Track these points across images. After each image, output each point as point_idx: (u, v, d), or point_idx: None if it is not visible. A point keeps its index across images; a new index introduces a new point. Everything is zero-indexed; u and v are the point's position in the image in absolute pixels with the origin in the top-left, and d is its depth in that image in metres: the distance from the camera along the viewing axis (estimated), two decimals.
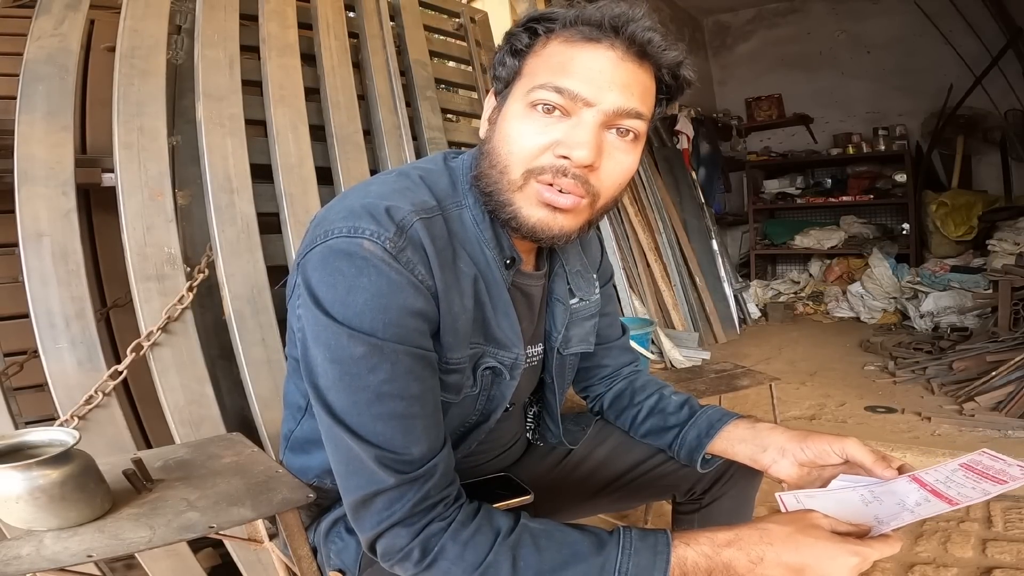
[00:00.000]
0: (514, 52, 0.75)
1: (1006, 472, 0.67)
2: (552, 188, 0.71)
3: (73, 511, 0.76)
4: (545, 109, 0.70)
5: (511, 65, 0.75)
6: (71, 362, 1.26)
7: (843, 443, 0.80)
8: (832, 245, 4.87)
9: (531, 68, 0.73)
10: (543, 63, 0.72)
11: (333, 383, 0.66)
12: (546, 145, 0.70)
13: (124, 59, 1.46)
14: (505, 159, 0.72)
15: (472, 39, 2.68)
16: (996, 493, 0.64)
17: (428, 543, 0.65)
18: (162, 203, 1.37)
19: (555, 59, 0.71)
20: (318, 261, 0.68)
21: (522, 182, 0.71)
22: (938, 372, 2.88)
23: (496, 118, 0.76)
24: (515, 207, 0.73)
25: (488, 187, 0.74)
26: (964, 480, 0.69)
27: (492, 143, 0.74)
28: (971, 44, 4.31)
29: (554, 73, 0.70)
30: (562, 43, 0.71)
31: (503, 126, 0.73)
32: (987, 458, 0.72)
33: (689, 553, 0.65)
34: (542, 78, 0.70)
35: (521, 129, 0.71)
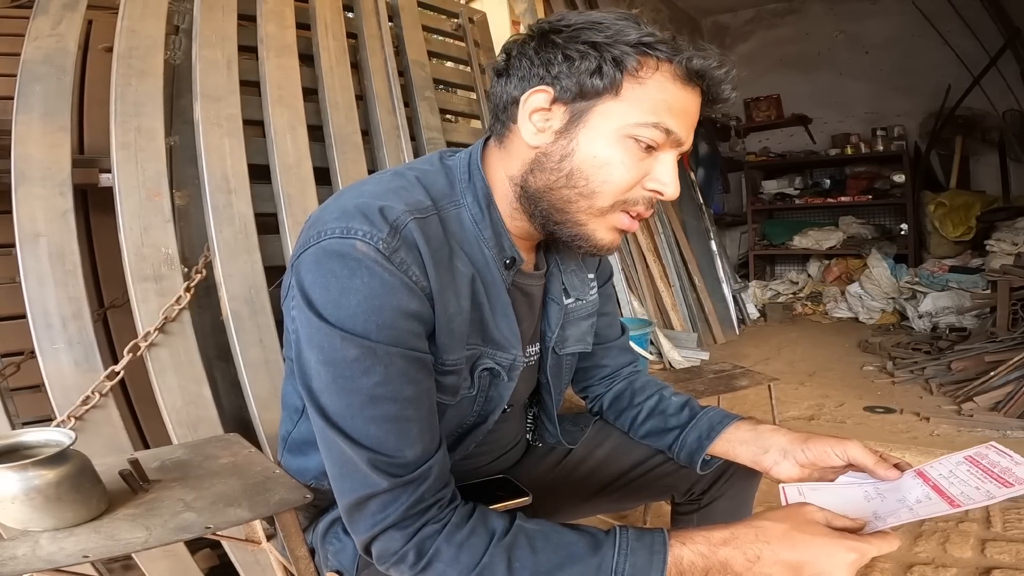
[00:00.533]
0: (620, 69, 0.69)
1: (1011, 472, 0.66)
2: (632, 218, 0.75)
3: (69, 512, 0.76)
4: (647, 147, 0.71)
5: (611, 79, 0.69)
6: (68, 363, 1.25)
7: (844, 445, 0.80)
8: (831, 246, 4.88)
9: (634, 95, 0.70)
10: (648, 95, 0.70)
11: (326, 386, 0.66)
12: (641, 178, 0.72)
13: (122, 59, 1.45)
14: (597, 186, 0.72)
15: (471, 39, 2.68)
16: (1000, 498, 0.63)
17: (423, 546, 0.65)
18: (159, 203, 1.37)
19: (660, 95, 0.70)
20: (311, 262, 0.67)
21: (609, 211, 0.73)
22: (937, 372, 2.89)
23: (570, 131, 0.72)
24: (589, 228, 0.74)
25: (559, 204, 0.74)
26: (968, 477, 0.68)
27: (574, 164, 0.72)
28: (969, 44, 4.31)
29: (663, 114, 0.70)
30: (667, 78, 0.70)
31: (592, 149, 0.71)
32: (994, 452, 0.71)
33: (685, 552, 0.64)
34: (652, 115, 0.70)
35: (622, 160, 0.71)
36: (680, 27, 5.27)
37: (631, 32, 0.69)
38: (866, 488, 0.76)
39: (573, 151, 0.72)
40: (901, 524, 0.66)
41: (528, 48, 0.73)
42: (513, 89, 0.74)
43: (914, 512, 0.66)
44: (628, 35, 0.69)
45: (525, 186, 0.75)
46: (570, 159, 0.72)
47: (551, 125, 0.73)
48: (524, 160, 0.75)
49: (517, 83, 0.74)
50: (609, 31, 0.69)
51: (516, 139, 0.76)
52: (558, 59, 0.71)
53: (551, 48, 0.71)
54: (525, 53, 0.73)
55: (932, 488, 0.69)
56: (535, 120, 0.73)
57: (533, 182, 0.75)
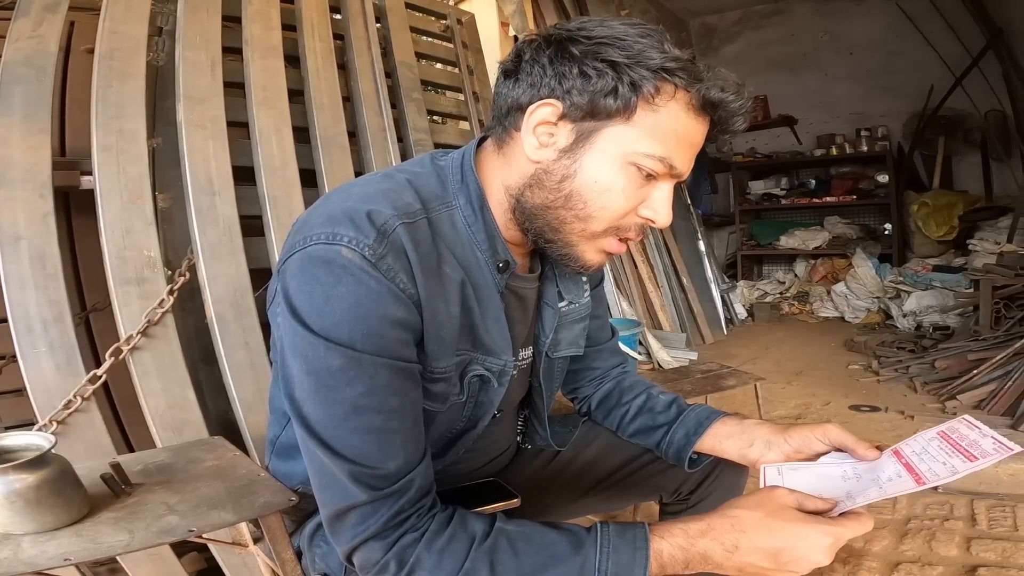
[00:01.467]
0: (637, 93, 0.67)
1: (977, 445, 0.66)
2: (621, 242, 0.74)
3: (50, 515, 0.76)
4: (647, 175, 0.70)
5: (626, 103, 0.67)
6: (49, 366, 1.24)
7: (824, 429, 0.82)
8: (816, 245, 4.91)
9: (646, 122, 0.68)
10: (660, 125, 0.68)
11: (309, 395, 0.65)
12: (636, 205, 0.72)
13: (103, 61, 1.44)
14: (595, 211, 0.71)
15: (459, 41, 2.68)
16: (963, 473, 0.63)
17: (403, 555, 0.64)
18: (142, 206, 1.36)
19: (671, 126, 0.68)
20: (296, 269, 0.66)
21: (602, 235, 0.73)
22: (921, 371, 2.91)
23: (574, 152, 0.70)
24: (579, 249, 0.74)
25: (553, 224, 0.73)
26: (937, 452, 0.69)
27: (574, 186, 0.70)
28: (952, 45, 4.36)
29: (671, 147, 0.69)
30: (681, 107, 0.68)
31: (594, 173, 0.70)
32: (964, 426, 0.71)
33: (664, 546, 0.65)
34: (661, 147, 0.68)
35: (623, 188, 0.70)
36: (668, 28, 5.26)
37: (654, 55, 0.66)
38: (844, 468, 0.77)
39: (575, 173, 0.70)
40: (870, 502, 0.66)
41: (543, 55, 0.70)
42: (521, 95, 0.72)
43: (883, 490, 0.67)
44: (651, 58, 0.66)
45: (521, 200, 0.74)
46: (571, 181, 0.70)
47: (555, 142, 0.71)
48: (523, 173, 0.73)
49: (526, 89, 0.71)
50: (631, 51, 0.66)
51: (516, 148, 0.74)
52: (573, 73, 0.68)
53: (568, 60, 0.68)
54: (539, 60, 0.70)
55: (904, 466, 0.70)
56: (539, 133, 0.71)
57: (531, 198, 0.73)
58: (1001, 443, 0.64)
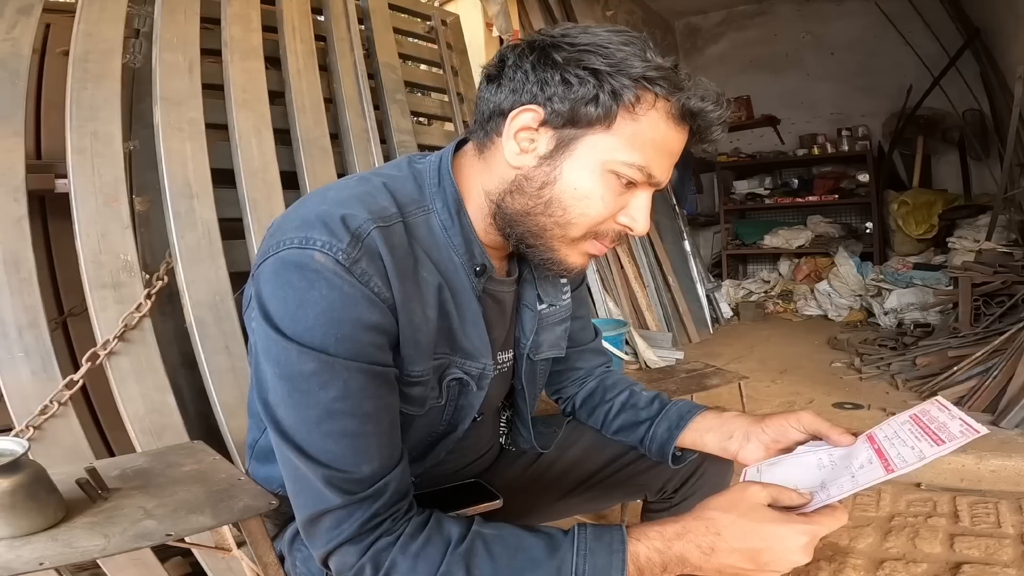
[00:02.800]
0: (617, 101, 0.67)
1: (945, 428, 0.66)
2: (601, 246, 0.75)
3: (24, 520, 0.75)
4: (627, 184, 0.70)
5: (606, 111, 0.67)
6: (25, 372, 1.23)
7: (798, 417, 0.82)
8: (800, 244, 4.95)
9: (625, 130, 0.68)
10: (639, 134, 0.68)
11: (282, 399, 0.65)
12: (615, 213, 0.72)
13: (77, 63, 1.43)
14: (574, 218, 0.71)
15: (443, 42, 2.68)
16: (931, 458, 0.63)
17: (378, 559, 0.64)
18: (117, 209, 1.35)
19: (651, 135, 0.68)
20: (270, 273, 0.66)
21: (581, 241, 0.74)
22: (902, 368, 2.92)
23: (555, 158, 0.70)
24: (559, 255, 0.75)
25: (533, 230, 0.73)
26: (908, 436, 0.68)
27: (554, 193, 0.70)
28: (930, 45, 4.40)
29: (650, 157, 0.69)
30: (661, 116, 0.69)
31: (573, 180, 0.70)
32: (935, 408, 0.71)
33: (641, 549, 0.65)
34: (639, 156, 0.68)
35: (602, 195, 0.70)
36: (653, 29, 5.33)
37: (636, 63, 0.66)
38: (820, 455, 0.77)
39: (555, 179, 0.70)
40: (845, 495, 0.66)
41: (526, 61, 0.70)
42: (503, 100, 0.71)
43: (856, 480, 0.67)
44: (632, 67, 0.66)
45: (502, 206, 0.74)
46: (551, 187, 0.70)
47: (536, 148, 0.71)
48: (504, 178, 0.73)
49: (508, 95, 0.71)
50: (613, 59, 0.66)
51: (497, 153, 0.73)
52: (555, 80, 0.68)
53: (550, 67, 0.68)
54: (521, 65, 0.70)
55: (875, 452, 0.70)
56: (520, 139, 0.71)
57: (511, 204, 0.73)
58: (968, 425, 0.64)
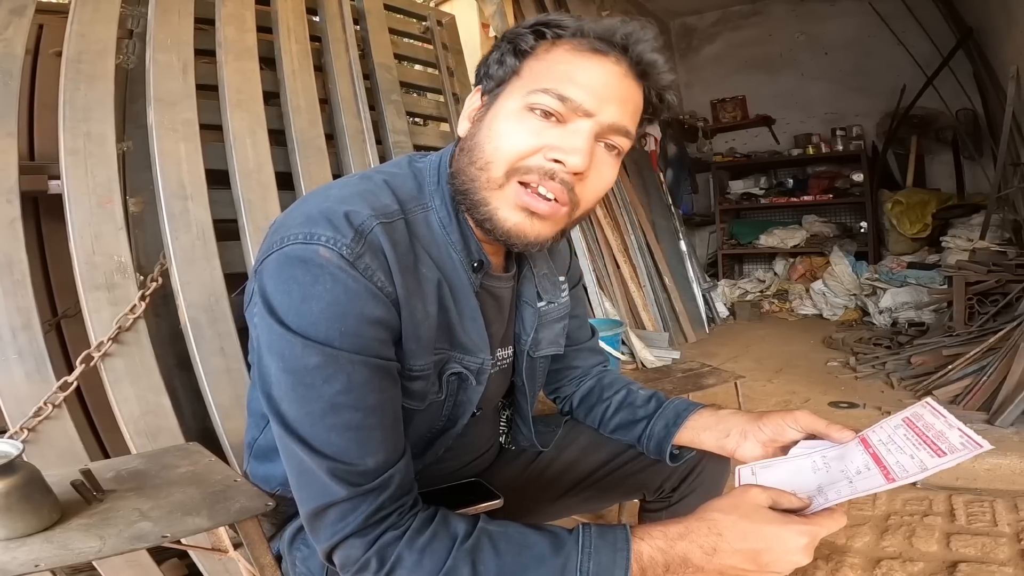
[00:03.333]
0: (516, 52, 0.73)
1: (944, 437, 0.65)
2: (532, 192, 0.70)
3: (20, 522, 0.75)
4: (543, 114, 0.69)
5: (510, 64, 0.73)
6: (19, 374, 1.23)
7: (795, 416, 0.82)
8: (795, 244, 4.96)
9: (532, 71, 0.72)
10: (546, 68, 0.71)
11: (286, 393, 0.65)
12: (538, 147, 0.69)
13: (70, 64, 1.42)
14: (489, 155, 0.71)
15: (439, 42, 2.68)
16: (933, 470, 0.62)
17: (384, 553, 0.64)
18: (111, 210, 1.34)
19: (560, 66, 0.70)
20: (274, 269, 0.66)
21: (503, 180, 0.70)
22: (897, 367, 2.93)
23: (482, 116, 0.74)
24: (491, 207, 0.72)
25: (464, 184, 0.73)
26: (904, 443, 0.68)
27: (476, 140, 0.73)
28: (923, 45, 4.41)
29: (558, 80, 0.69)
30: (569, 50, 0.71)
31: (492, 124, 0.72)
32: (928, 412, 0.70)
33: (644, 548, 0.65)
34: (545, 83, 0.69)
35: (514, 128, 0.70)
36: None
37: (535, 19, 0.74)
38: (814, 458, 0.77)
39: (479, 130, 0.74)
40: (843, 500, 0.66)
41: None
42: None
43: (854, 486, 0.66)
44: (529, 22, 0.74)
45: (451, 174, 0.77)
46: (475, 137, 0.74)
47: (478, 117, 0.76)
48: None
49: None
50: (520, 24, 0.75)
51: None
52: (483, 62, 0.77)
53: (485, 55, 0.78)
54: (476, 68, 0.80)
55: (872, 457, 0.69)
56: (472, 117, 0.77)
57: (454, 167, 0.77)
58: (969, 437, 0.64)
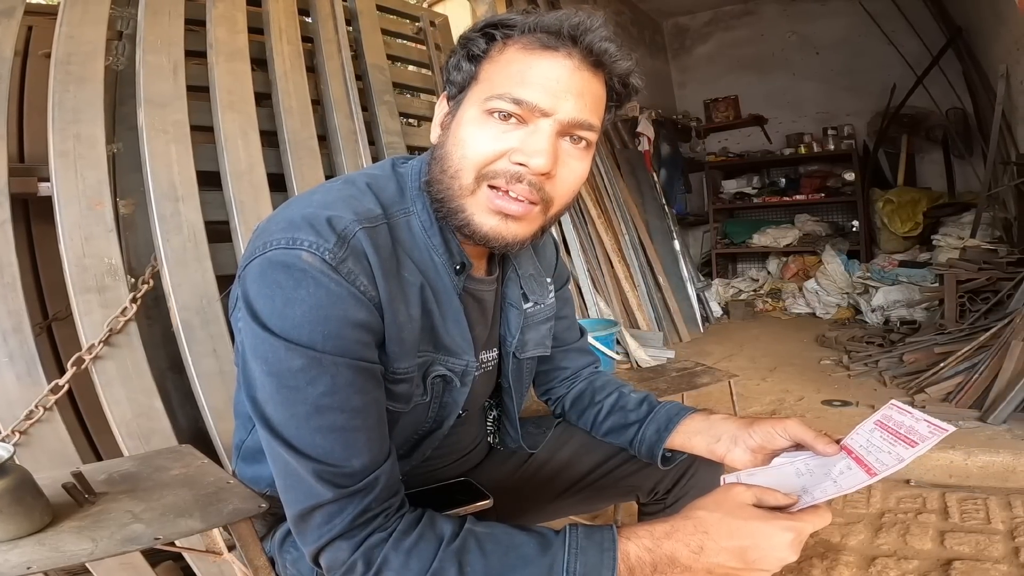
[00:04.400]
0: (470, 57, 0.74)
1: (914, 430, 0.68)
2: (502, 195, 0.71)
3: (12, 524, 0.75)
4: (501, 116, 0.70)
5: (467, 70, 0.74)
6: (10, 377, 1.23)
7: (784, 424, 0.82)
8: (788, 243, 4.98)
9: (488, 74, 0.72)
10: (500, 70, 0.71)
11: (270, 396, 0.65)
12: (502, 151, 0.70)
13: (59, 65, 1.42)
14: (458, 163, 0.72)
15: (432, 43, 2.67)
16: (909, 459, 0.65)
17: (370, 555, 0.64)
18: (101, 212, 1.34)
19: (513, 67, 0.71)
20: (256, 273, 0.67)
21: (474, 187, 0.71)
22: (890, 365, 2.94)
23: (450, 123, 0.75)
24: (467, 213, 0.72)
25: (439, 193, 0.74)
26: (881, 443, 0.70)
27: (445, 148, 0.74)
28: (913, 44, 4.45)
29: (512, 83, 0.70)
30: (520, 50, 0.71)
31: (457, 131, 0.73)
32: (896, 411, 0.73)
33: (631, 548, 0.65)
34: (500, 87, 0.70)
35: (476, 134, 0.71)
36: (642, 29, 5.36)
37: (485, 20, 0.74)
38: (797, 465, 0.78)
39: (447, 139, 0.75)
40: (828, 498, 0.67)
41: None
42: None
43: (839, 485, 0.68)
44: (480, 24, 0.74)
45: (427, 183, 0.77)
46: (444, 146, 0.75)
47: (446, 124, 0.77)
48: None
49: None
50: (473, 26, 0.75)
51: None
52: (447, 67, 0.78)
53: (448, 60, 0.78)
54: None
55: (854, 459, 0.71)
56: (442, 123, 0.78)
57: (428, 176, 0.77)
58: (935, 425, 0.67)
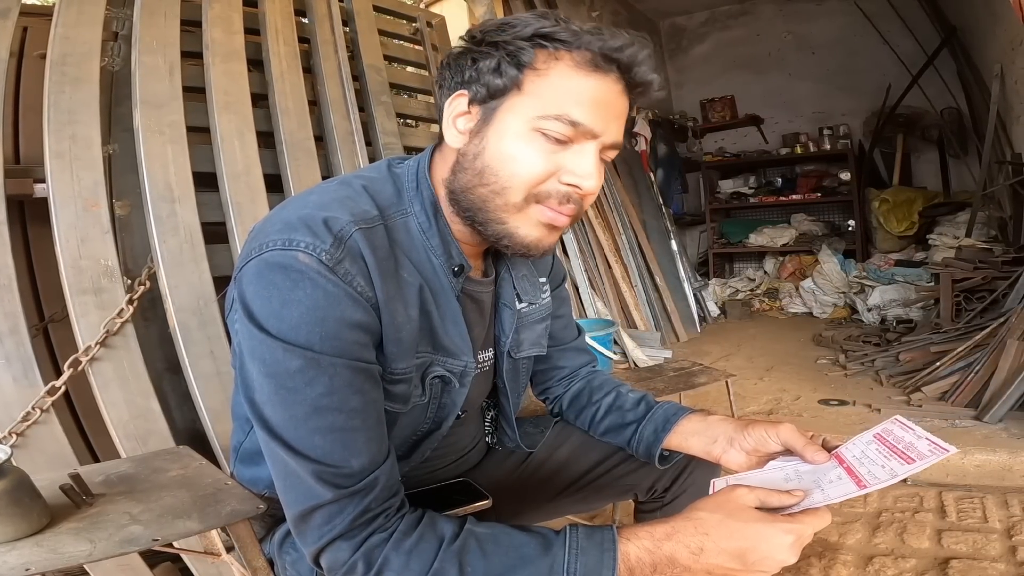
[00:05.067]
0: (517, 64, 0.70)
1: (913, 447, 0.67)
2: (554, 212, 0.73)
3: (9, 526, 0.75)
4: (556, 140, 0.70)
5: (511, 76, 0.70)
6: (7, 379, 1.22)
7: (778, 429, 0.82)
8: (784, 243, 4.99)
9: (536, 88, 0.70)
10: (551, 87, 0.70)
11: (268, 398, 0.65)
12: (552, 172, 0.71)
13: (55, 66, 1.41)
14: (506, 181, 0.71)
15: (429, 44, 2.68)
16: (903, 475, 0.64)
17: (371, 555, 0.64)
18: (97, 214, 1.33)
19: (565, 85, 0.70)
20: (253, 275, 0.67)
21: (523, 205, 0.72)
22: (886, 364, 2.94)
23: (481, 130, 0.73)
24: (509, 227, 0.74)
25: (475, 203, 0.74)
26: (876, 455, 0.69)
27: (484, 161, 0.72)
28: (908, 44, 4.45)
29: (567, 103, 0.69)
30: (572, 67, 0.70)
31: (500, 146, 0.72)
32: (898, 427, 0.72)
33: (631, 548, 0.65)
34: (554, 107, 0.69)
35: (527, 152, 0.70)
36: (639, 29, 5.29)
37: (529, 26, 0.70)
38: (787, 471, 0.78)
39: (484, 149, 0.73)
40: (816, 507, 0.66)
41: (450, 57, 0.76)
42: (441, 98, 0.77)
43: (826, 494, 0.67)
44: (525, 30, 0.70)
45: (452, 188, 0.76)
46: (481, 157, 0.73)
47: (469, 127, 0.74)
48: (449, 163, 0.77)
49: (444, 92, 0.77)
50: (512, 29, 0.71)
51: (447, 145, 0.77)
52: (468, 63, 0.73)
53: (465, 54, 0.74)
54: (449, 64, 0.76)
55: (845, 469, 0.71)
56: (459, 124, 0.75)
57: (456, 183, 0.76)
58: (936, 444, 0.65)
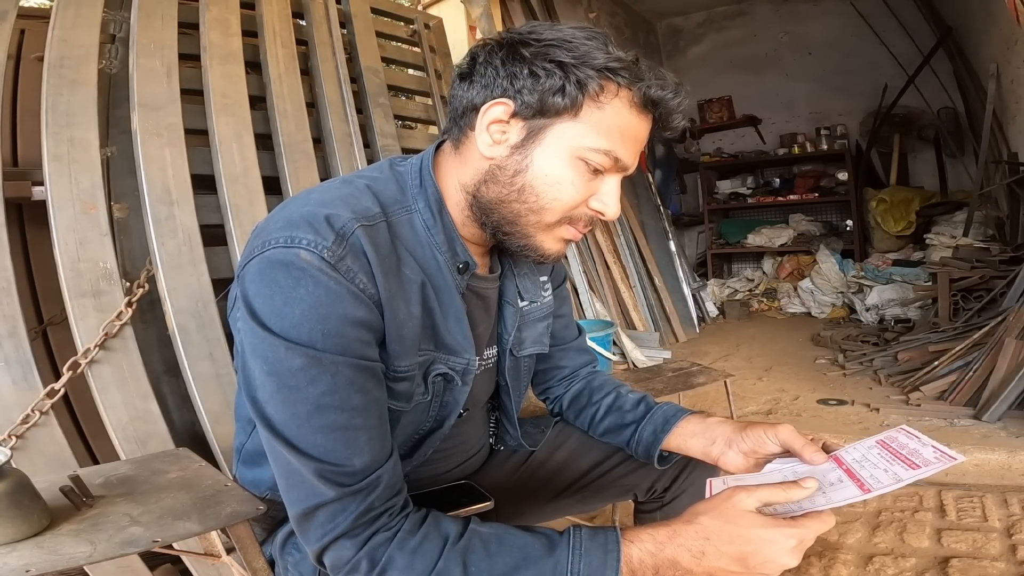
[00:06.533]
0: (583, 91, 0.71)
1: (919, 454, 0.66)
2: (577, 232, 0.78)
3: (9, 528, 0.75)
4: (594, 170, 0.73)
5: (573, 99, 0.70)
6: (6, 381, 1.22)
7: (776, 430, 0.82)
8: (782, 243, 4.99)
9: (592, 118, 0.71)
10: (604, 121, 0.72)
11: (270, 396, 0.65)
12: (586, 198, 0.75)
13: (52, 69, 1.41)
14: (547, 203, 0.74)
15: (426, 45, 2.68)
16: (907, 481, 0.63)
17: (375, 554, 0.64)
18: (95, 216, 1.33)
19: (615, 121, 0.72)
20: (255, 273, 0.67)
21: (556, 225, 0.76)
22: (884, 363, 2.95)
23: (526, 147, 0.73)
24: (535, 240, 0.77)
25: (507, 216, 0.76)
26: (878, 460, 0.69)
27: (527, 180, 0.73)
28: (904, 44, 4.47)
29: (613, 139, 0.72)
30: (626, 105, 0.72)
31: (546, 167, 0.73)
32: (903, 435, 0.72)
33: (634, 550, 0.65)
34: (605, 141, 0.72)
35: (572, 179, 0.73)
36: (636, 30, 5.37)
37: (598, 55, 0.70)
38: (785, 473, 0.77)
39: (527, 167, 0.73)
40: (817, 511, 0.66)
41: (496, 57, 0.74)
42: (475, 96, 0.75)
43: (828, 497, 0.67)
44: (595, 59, 0.70)
45: (477, 196, 0.76)
46: (523, 175, 0.73)
47: (507, 139, 0.74)
48: (478, 170, 0.76)
49: (480, 91, 0.74)
50: (577, 52, 0.70)
51: (471, 147, 0.76)
52: (524, 73, 0.71)
53: (519, 61, 0.72)
54: (491, 62, 0.74)
55: (845, 472, 0.70)
56: (492, 131, 0.74)
57: (486, 193, 0.76)
58: (943, 452, 0.65)
